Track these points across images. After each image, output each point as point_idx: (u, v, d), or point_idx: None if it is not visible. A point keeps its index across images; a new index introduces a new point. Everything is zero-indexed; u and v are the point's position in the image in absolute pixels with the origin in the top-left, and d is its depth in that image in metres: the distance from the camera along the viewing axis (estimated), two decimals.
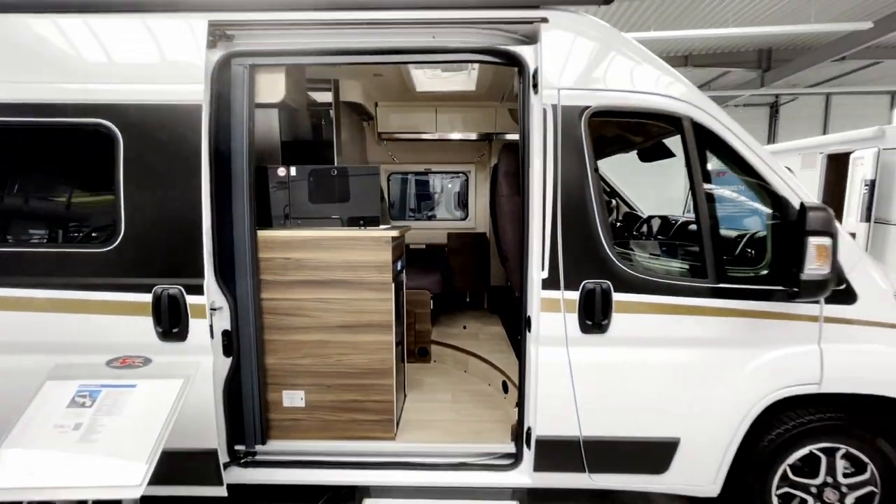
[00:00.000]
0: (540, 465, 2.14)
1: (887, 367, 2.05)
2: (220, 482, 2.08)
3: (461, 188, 4.76)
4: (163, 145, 1.94)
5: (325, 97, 3.44)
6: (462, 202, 4.77)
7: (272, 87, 2.22)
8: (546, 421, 2.09)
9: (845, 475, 2.13)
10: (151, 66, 1.97)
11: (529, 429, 2.14)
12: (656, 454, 2.11)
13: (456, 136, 4.06)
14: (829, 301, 2.04)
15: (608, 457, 2.13)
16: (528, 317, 2.09)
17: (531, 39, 2.05)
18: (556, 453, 2.12)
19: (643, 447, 2.10)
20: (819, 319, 2.04)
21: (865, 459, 2.11)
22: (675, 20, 13.32)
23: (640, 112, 2.05)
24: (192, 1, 1.99)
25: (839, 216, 7.70)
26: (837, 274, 1.99)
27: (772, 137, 20.81)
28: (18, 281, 1.90)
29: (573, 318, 2.02)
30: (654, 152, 3.16)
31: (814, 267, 1.75)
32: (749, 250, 2.41)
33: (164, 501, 2.12)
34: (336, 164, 3.20)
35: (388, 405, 2.34)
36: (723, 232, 2.54)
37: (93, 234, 2.08)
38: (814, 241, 1.75)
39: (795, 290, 1.81)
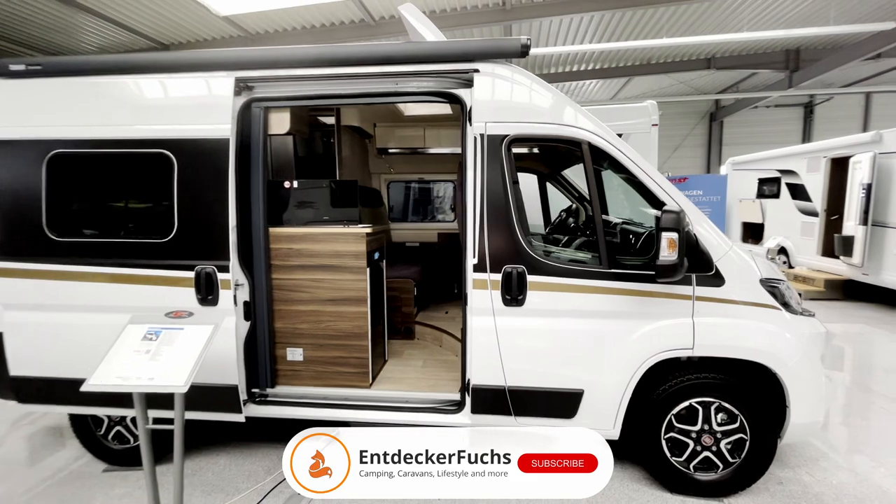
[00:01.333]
0: (476, 409, 2.76)
1: (746, 336, 2.56)
2: (240, 411, 2.85)
3: (450, 194, 5.45)
4: (203, 167, 2.72)
5: (332, 120, 4.23)
6: (451, 206, 5.46)
7: (280, 123, 3.00)
8: (479, 373, 2.71)
9: (720, 424, 2.65)
10: (195, 110, 2.77)
11: (469, 380, 2.77)
12: (566, 402, 2.69)
13: (442, 150, 4.75)
14: (701, 283, 2.58)
15: (528, 403, 2.72)
16: (466, 293, 2.75)
17: (469, 83, 2.70)
18: (487, 399, 2.74)
19: (555, 396, 2.69)
20: (692, 298, 2.59)
21: (736, 412, 2.62)
22: (691, 26, 13.44)
23: (548, 138, 2.68)
24: (224, 63, 2.79)
25: (841, 220, 7.82)
26: (706, 262, 2.55)
27: (807, 138, 20.20)
28: (109, 262, 2.75)
29: (497, 294, 2.65)
30: None
31: (665, 255, 2.31)
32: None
33: (201, 425, 2.92)
34: (338, 176, 3.97)
35: (364, 361, 3.06)
36: (632, 228, 3.12)
37: (155, 229, 2.90)
38: (665, 236, 2.30)
39: (653, 272, 2.39)
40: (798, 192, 8.87)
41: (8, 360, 2.85)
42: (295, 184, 3.08)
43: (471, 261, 2.67)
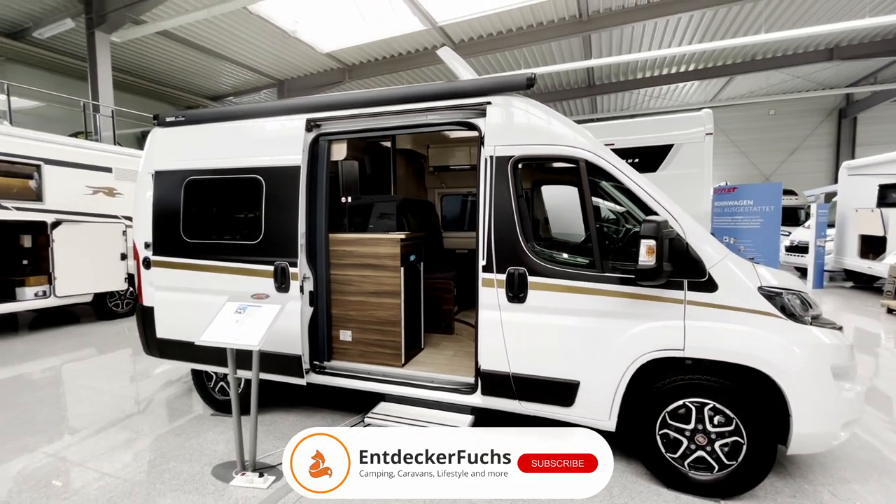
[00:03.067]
0: (486, 391, 3.20)
1: (738, 341, 2.63)
2: (302, 376, 3.64)
3: None
4: (282, 188, 3.58)
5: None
6: None
7: (339, 151, 3.78)
8: (488, 359, 3.14)
9: (715, 425, 2.74)
10: (277, 144, 3.66)
11: (480, 366, 3.22)
12: (564, 391, 2.98)
13: None
14: (693, 288, 2.74)
15: (530, 389, 3.06)
16: (478, 290, 3.21)
17: (483, 113, 3.19)
18: (495, 383, 3.15)
19: (554, 384, 3.00)
20: (683, 302, 2.74)
21: (731, 415, 2.69)
22: (802, 16, 12.19)
23: (548, 157, 3.05)
24: (298, 108, 3.63)
25: None
26: (698, 269, 2.70)
27: None
28: (218, 257, 3.76)
29: (503, 291, 3.07)
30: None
31: (644, 260, 2.54)
32: None
33: (273, 384, 3.77)
34: (392, 192, 4.69)
35: (398, 344, 3.67)
36: (631, 234, 3.30)
37: (249, 234, 3.85)
38: (644, 243, 2.54)
39: (634, 276, 2.62)
40: None
41: (157, 326, 4.00)
42: (349, 200, 3.84)
43: (481, 262, 3.14)
